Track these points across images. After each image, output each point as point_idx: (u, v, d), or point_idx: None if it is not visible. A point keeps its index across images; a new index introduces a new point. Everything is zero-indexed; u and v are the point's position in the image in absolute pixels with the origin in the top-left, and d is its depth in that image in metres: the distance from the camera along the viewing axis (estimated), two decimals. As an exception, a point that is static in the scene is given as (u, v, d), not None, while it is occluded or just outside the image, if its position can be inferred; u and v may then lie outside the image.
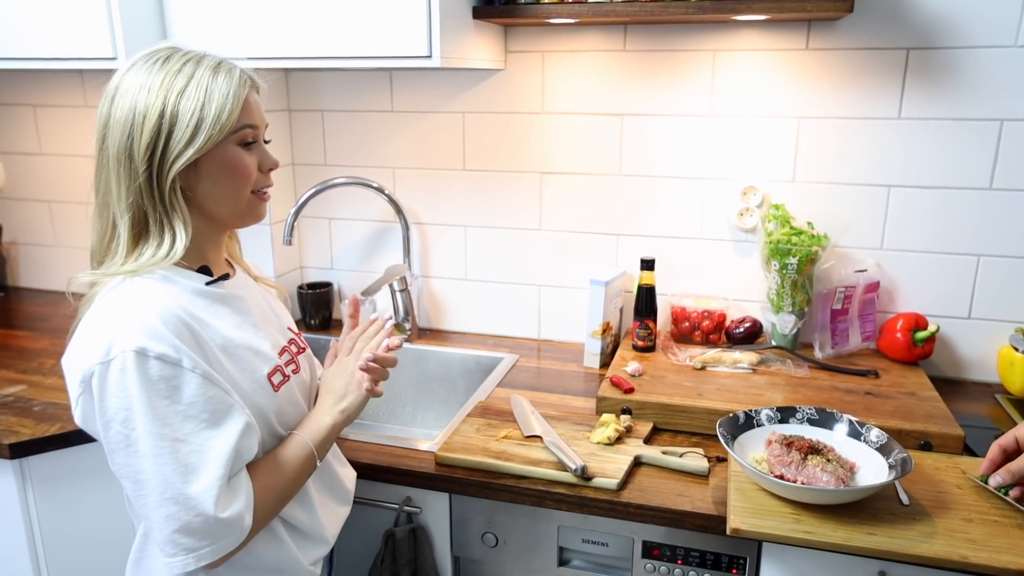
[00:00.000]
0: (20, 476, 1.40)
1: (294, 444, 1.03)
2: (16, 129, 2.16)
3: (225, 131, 0.95)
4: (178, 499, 0.90)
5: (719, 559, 1.22)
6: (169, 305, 0.93)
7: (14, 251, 2.28)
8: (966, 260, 1.62)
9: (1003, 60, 1.50)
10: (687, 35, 1.65)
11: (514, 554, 1.32)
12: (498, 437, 1.36)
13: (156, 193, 0.95)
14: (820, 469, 1.14)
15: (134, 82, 0.95)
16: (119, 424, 0.89)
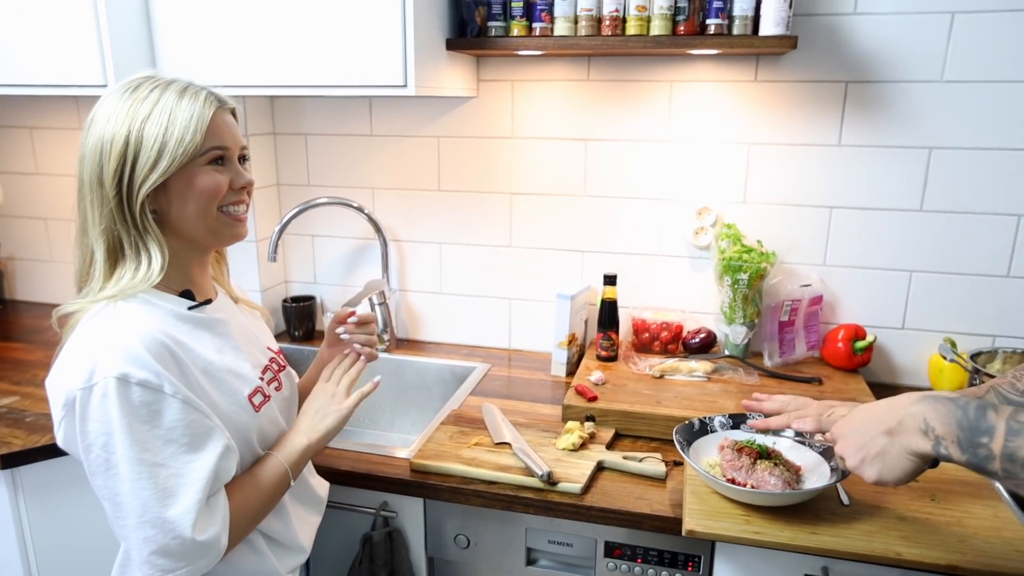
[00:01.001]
0: (12, 485, 1.37)
1: (270, 464, 1.00)
2: (14, 150, 2.12)
3: (189, 153, 0.92)
4: (156, 522, 0.87)
5: (676, 558, 1.22)
6: (151, 330, 0.90)
7: (11, 266, 2.24)
8: (900, 275, 1.64)
9: (931, 93, 1.52)
10: (646, 67, 1.66)
11: (485, 555, 1.31)
12: (469, 444, 1.35)
13: (128, 217, 0.92)
14: (768, 473, 1.15)
15: (105, 112, 0.93)
16: (99, 448, 0.87)
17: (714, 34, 1.43)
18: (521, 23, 1.51)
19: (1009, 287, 1.58)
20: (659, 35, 1.44)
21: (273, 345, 1.19)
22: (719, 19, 1.42)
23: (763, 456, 1.18)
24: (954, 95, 1.51)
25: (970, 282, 1.60)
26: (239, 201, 1.01)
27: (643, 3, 1.44)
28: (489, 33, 1.53)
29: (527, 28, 1.51)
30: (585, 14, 1.46)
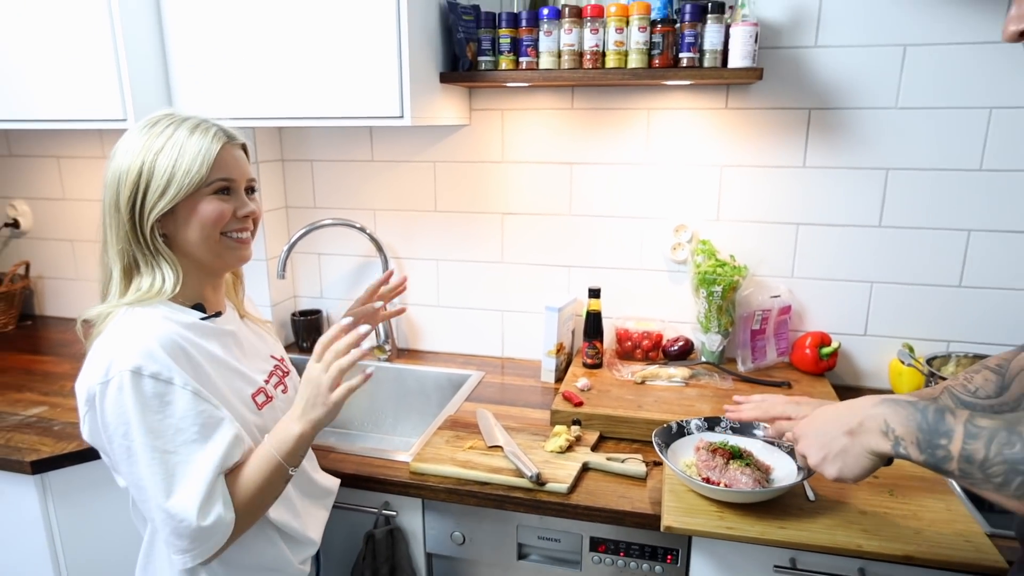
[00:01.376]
0: (42, 489, 1.38)
1: (262, 454, 0.97)
2: (43, 178, 2.13)
3: (195, 183, 0.94)
4: (166, 507, 0.90)
5: (656, 551, 1.23)
6: (167, 331, 0.93)
7: (40, 284, 2.25)
8: (862, 286, 1.65)
9: (887, 119, 1.54)
10: (625, 96, 1.67)
11: (479, 550, 1.32)
12: (464, 448, 1.36)
13: (140, 239, 0.95)
14: (740, 472, 1.16)
15: (125, 145, 0.96)
16: (120, 437, 0.89)
17: (687, 66, 1.44)
18: (509, 57, 1.53)
19: (961, 296, 1.59)
20: (636, 68, 1.46)
21: (278, 353, 1.21)
22: (691, 52, 1.44)
23: (735, 456, 1.19)
24: (908, 120, 1.53)
25: (926, 292, 1.61)
26: (242, 228, 1.03)
27: (621, 39, 1.46)
28: (480, 67, 1.55)
29: (514, 62, 1.53)
30: (568, 49, 1.48)
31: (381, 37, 1.39)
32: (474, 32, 1.54)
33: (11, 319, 2.14)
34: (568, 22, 1.47)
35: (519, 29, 1.51)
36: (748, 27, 1.40)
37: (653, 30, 1.44)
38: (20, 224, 2.18)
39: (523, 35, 1.51)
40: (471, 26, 1.54)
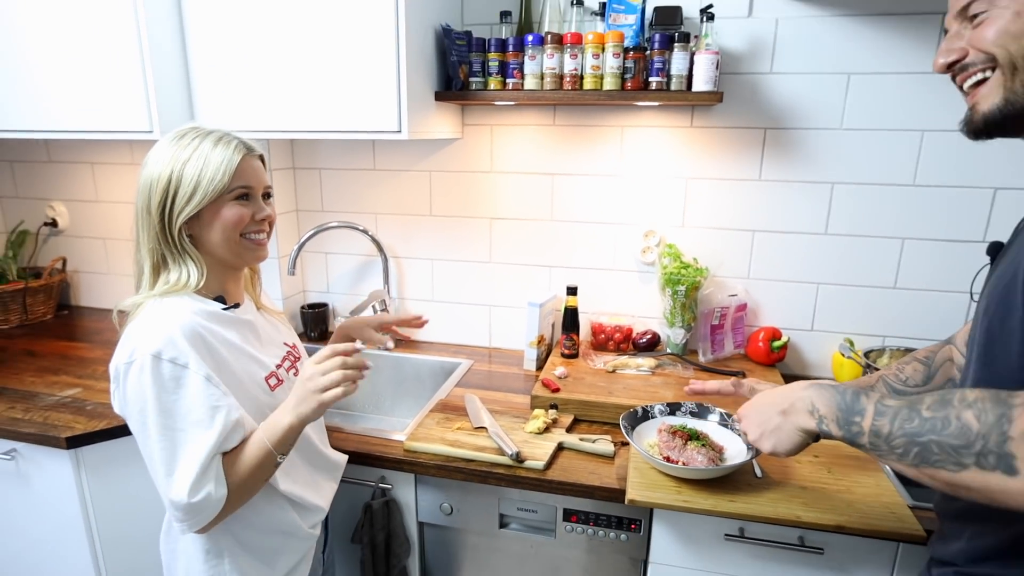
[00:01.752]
0: (76, 462, 1.40)
1: (254, 441, 0.96)
2: (78, 182, 2.13)
3: (218, 190, 0.96)
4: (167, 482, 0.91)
5: (622, 521, 1.25)
6: (189, 320, 0.94)
7: (76, 278, 2.24)
8: (809, 287, 1.68)
9: (833, 138, 1.57)
10: (602, 114, 1.69)
11: (465, 520, 1.34)
12: (453, 428, 1.37)
13: (169, 239, 0.97)
14: (697, 452, 1.18)
15: (155, 154, 0.98)
16: (137, 412, 0.91)
17: (655, 89, 1.46)
18: (497, 79, 1.54)
19: (896, 296, 1.62)
20: (610, 90, 1.48)
21: (291, 340, 1.21)
22: (659, 77, 1.45)
23: (693, 438, 1.21)
24: (851, 140, 1.55)
25: (865, 292, 1.64)
26: (259, 230, 1.04)
27: (597, 64, 1.47)
28: (471, 87, 1.56)
29: (502, 83, 1.54)
30: (550, 72, 1.50)
31: (382, 61, 1.40)
32: (466, 55, 1.55)
33: (50, 309, 2.14)
34: (550, 48, 1.48)
35: (506, 53, 1.52)
36: (710, 55, 1.42)
37: (626, 56, 1.46)
38: (58, 223, 2.18)
39: (510, 59, 1.52)
40: (463, 50, 1.55)
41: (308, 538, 1.12)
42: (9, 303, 2.02)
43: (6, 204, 2.23)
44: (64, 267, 2.20)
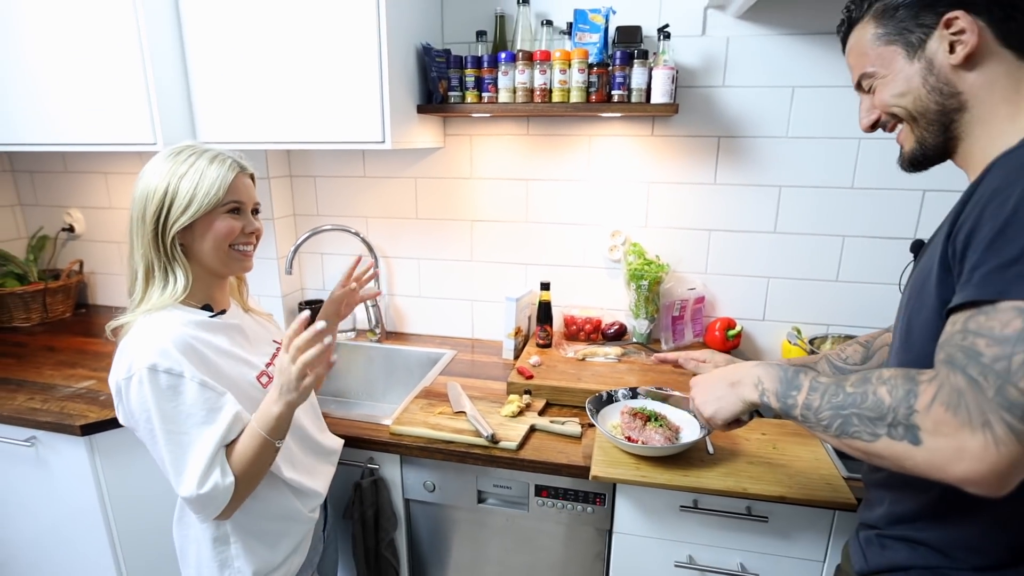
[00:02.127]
0: (90, 448, 1.39)
1: (249, 432, 0.95)
2: (93, 190, 2.10)
3: (212, 203, 0.95)
4: (178, 481, 0.90)
5: (588, 495, 1.26)
6: (179, 331, 0.93)
7: (92, 279, 2.22)
8: (761, 280, 1.68)
9: (780, 146, 1.57)
10: (571, 125, 1.68)
11: (446, 496, 1.34)
12: (435, 413, 1.37)
13: (161, 247, 0.95)
14: (655, 431, 1.19)
15: (152, 168, 0.96)
16: (144, 422, 0.90)
17: (617, 102, 1.46)
18: (474, 93, 1.53)
19: (838, 289, 1.63)
20: (576, 102, 1.47)
21: (278, 337, 1.19)
22: (621, 90, 1.45)
23: (652, 419, 1.22)
24: (796, 147, 1.56)
25: (811, 285, 1.64)
26: (247, 242, 1.03)
27: (564, 79, 1.47)
28: (449, 100, 1.55)
29: (478, 96, 1.53)
30: (521, 86, 1.49)
31: (366, 78, 1.38)
32: (445, 71, 1.54)
33: (68, 307, 2.11)
34: (521, 64, 1.47)
35: (482, 69, 1.52)
36: (667, 70, 1.42)
37: (590, 72, 1.45)
38: (75, 229, 2.15)
39: (485, 74, 1.51)
40: (443, 67, 1.54)
41: (308, 521, 1.11)
42: (30, 303, 2.00)
43: (27, 211, 2.20)
44: (81, 269, 2.17)
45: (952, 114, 0.75)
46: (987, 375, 0.60)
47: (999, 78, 0.73)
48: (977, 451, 0.59)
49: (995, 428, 0.58)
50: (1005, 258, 0.60)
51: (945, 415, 0.62)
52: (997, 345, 0.60)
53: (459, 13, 1.66)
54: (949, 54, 0.73)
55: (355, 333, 1.93)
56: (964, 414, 0.60)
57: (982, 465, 0.59)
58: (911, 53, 0.76)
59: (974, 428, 0.59)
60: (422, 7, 1.56)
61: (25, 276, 2.04)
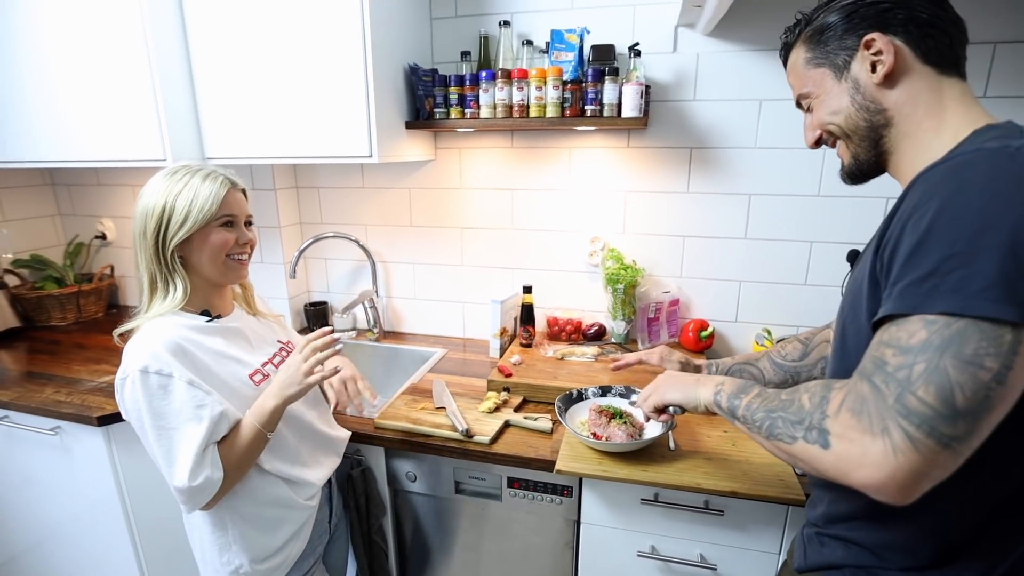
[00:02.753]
0: (107, 438, 1.42)
1: (245, 424, 0.99)
2: (123, 201, 2.15)
3: (207, 218, 0.97)
4: (168, 473, 0.92)
5: (556, 487, 1.25)
6: (172, 336, 0.94)
7: (123, 282, 2.27)
8: (733, 284, 1.65)
9: (749, 157, 1.54)
10: (552, 138, 1.67)
11: (427, 486, 1.35)
12: (417, 408, 1.38)
13: (161, 260, 0.97)
14: (618, 428, 1.17)
15: (151, 187, 0.98)
16: (136, 419, 0.92)
17: (590, 116, 1.45)
18: (457, 109, 1.54)
19: (806, 292, 1.59)
20: (552, 117, 1.46)
21: (283, 337, 1.20)
22: (593, 106, 1.44)
23: (616, 416, 1.21)
24: (764, 157, 1.53)
25: (781, 289, 1.61)
26: (242, 252, 1.05)
27: (540, 95, 1.46)
28: (435, 116, 1.56)
29: (461, 112, 1.54)
30: (500, 102, 1.49)
31: (354, 98, 1.40)
32: (431, 90, 1.55)
33: (100, 308, 2.17)
34: (500, 82, 1.47)
35: (464, 87, 1.52)
36: (636, 86, 1.40)
37: (565, 88, 1.45)
38: (107, 236, 2.21)
39: (468, 92, 1.52)
40: (428, 85, 1.54)
41: (305, 509, 1.11)
42: (66, 304, 2.06)
43: (65, 221, 2.27)
44: (112, 273, 2.23)
45: (880, 130, 0.74)
46: (888, 383, 0.59)
47: (921, 93, 0.71)
48: (877, 457, 0.58)
49: (893, 435, 0.57)
50: (920, 273, 0.59)
51: (850, 420, 0.61)
52: (902, 355, 0.58)
53: (447, 35, 1.66)
54: (871, 73, 0.72)
55: (355, 332, 1.94)
56: (867, 420, 0.59)
57: (881, 472, 0.57)
58: (838, 74, 0.76)
59: (875, 434, 0.58)
60: (413, 30, 1.57)
61: (62, 280, 2.10)
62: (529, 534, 1.32)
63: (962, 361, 0.55)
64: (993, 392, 0.54)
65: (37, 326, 2.04)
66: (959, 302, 0.55)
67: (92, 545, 1.58)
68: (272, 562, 1.05)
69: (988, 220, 0.55)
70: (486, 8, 1.62)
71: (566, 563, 1.31)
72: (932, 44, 0.70)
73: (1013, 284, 0.54)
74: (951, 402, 0.55)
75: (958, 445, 0.55)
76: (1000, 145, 0.60)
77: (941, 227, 0.57)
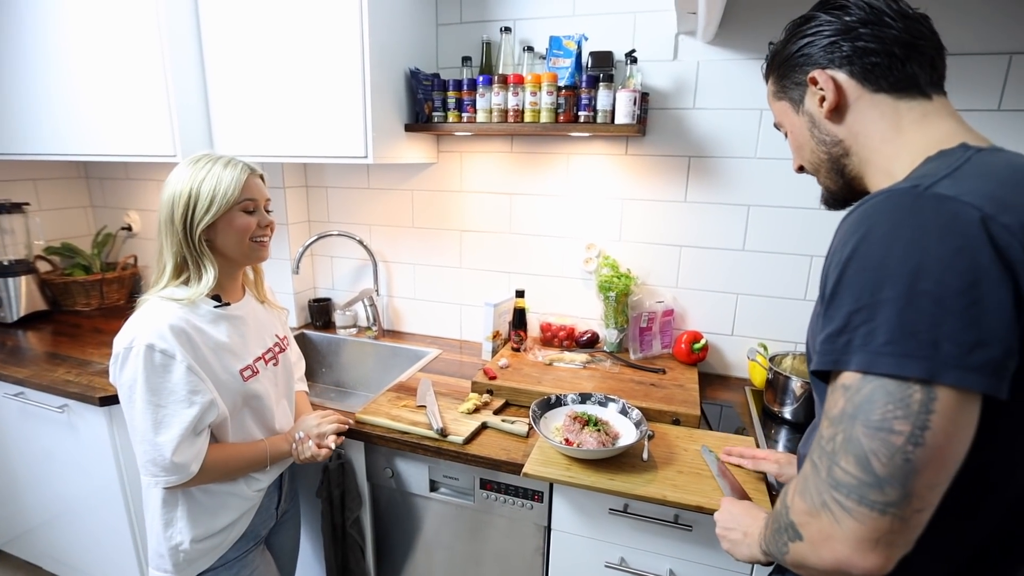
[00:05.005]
0: (109, 417, 1.49)
1: (259, 449, 1.09)
2: (148, 194, 2.25)
3: (230, 203, 1.01)
4: (150, 443, 0.96)
5: (528, 491, 1.24)
6: (179, 319, 0.98)
7: (145, 271, 2.36)
8: (730, 296, 1.62)
9: (748, 166, 1.51)
10: (550, 143, 1.68)
11: (404, 482, 1.36)
12: (399, 406, 1.39)
13: (191, 244, 1.02)
14: (590, 435, 1.16)
15: (176, 176, 1.03)
16: (127, 388, 0.96)
17: (583, 122, 1.45)
18: (455, 113, 1.56)
19: (805, 307, 1.54)
20: (546, 122, 1.47)
21: (281, 332, 1.24)
22: (587, 112, 1.44)
23: (590, 423, 1.19)
24: (764, 168, 1.50)
25: (778, 303, 1.57)
26: (263, 234, 1.09)
27: (535, 100, 1.47)
28: (433, 120, 1.59)
29: (459, 116, 1.56)
30: (496, 107, 1.50)
31: (352, 100, 1.44)
32: (430, 93, 1.57)
33: (123, 295, 2.28)
34: (497, 87, 1.49)
35: (462, 92, 1.54)
36: (630, 93, 1.40)
37: (559, 94, 1.45)
38: (132, 228, 2.33)
39: (465, 96, 1.54)
40: (428, 89, 1.57)
41: (251, 499, 1.14)
42: (90, 290, 2.17)
43: (96, 212, 2.39)
44: (136, 263, 2.34)
45: (841, 159, 0.74)
46: (822, 457, 0.57)
47: (874, 121, 0.70)
48: (829, 531, 0.55)
49: (831, 508, 0.55)
50: (834, 327, 0.57)
51: (800, 504, 0.59)
52: (831, 426, 0.57)
53: (452, 41, 1.69)
54: (820, 107, 0.73)
55: (356, 330, 1.98)
56: (809, 499, 0.58)
57: (840, 544, 0.54)
58: (796, 108, 0.77)
59: (818, 510, 0.57)
60: (418, 35, 1.61)
61: (89, 267, 2.22)
62: (501, 537, 1.31)
63: (871, 428, 0.53)
64: (912, 455, 0.51)
65: (63, 310, 2.16)
66: (865, 359, 0.53)
67: (94, 524, 1.65)
68: (211, 542, 1.09)
69: (887, 272, 0.53)
70: (490, 15, 1.64)
71: (536, 568, 1.29)
72: (880, 72, 0.69)
73: (915, 336, 0.51)
74: (870, 470, 0.53)
75: (897, 510, 0.52)
76: (910, 185, 0.57)
77: (848, 278, 0.56)
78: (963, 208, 0.53)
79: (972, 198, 0.53)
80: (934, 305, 0.50)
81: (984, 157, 0.61)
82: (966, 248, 0.51)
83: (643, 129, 1.42)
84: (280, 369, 1.21)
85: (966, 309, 0.50)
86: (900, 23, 0.68)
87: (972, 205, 0.53)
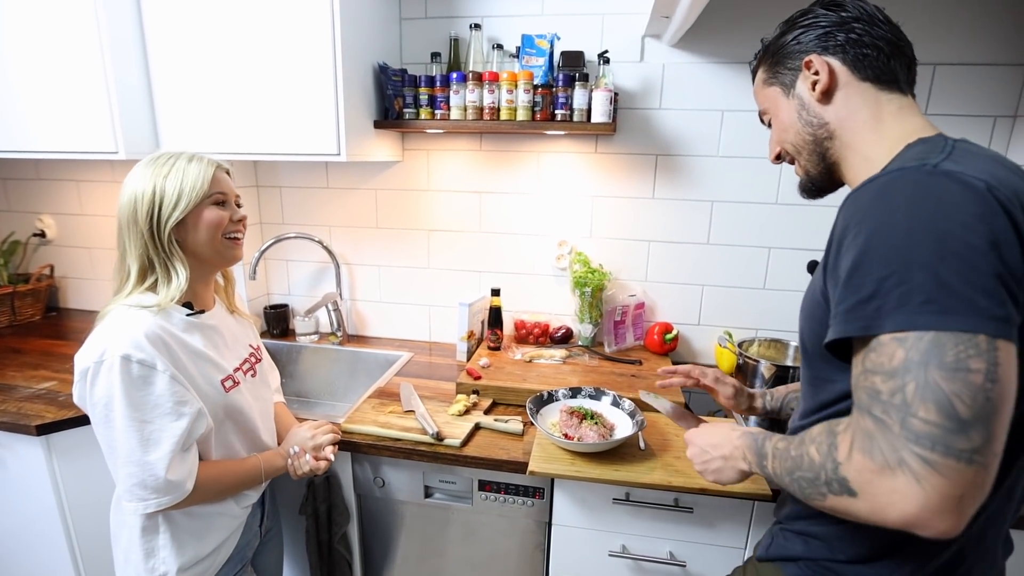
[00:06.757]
0: (47, 449, 1.32)
1: (251, 465, 1.04)
2: (64, 197, 2.01)
3: (199, 197, 0.93)
4: (139, 463, 0.88)
5: (528, 490, 1.24)
6: (154, 326, 0.90)
7: (64, 283, 2.12)
8: (696, 288, 1.69)
9: (712, 164, 1.58)
10: (520, 142, 1.67)
11: (395, 491, 1.31)
12: (386, 412, 1.34)
13: (159, 244, 0.93)
14: (589, 429, 1.17)
15: (134, 175, 0.94)
16: (102, 406, 0.86)
17: (560, 120, 1.46)
18: (427, 110, 1.52)
19: (765, 296, 1.64)
20: (522, 120, 1.47)
21: (255, 342, 1.17)
22: (564, 110, 1.45)
23: (588, 417, 1.21)
24: (726, 165, 1.57)
25: (741, 293, 1.66)
26: (236, 230, 1.01)
27: (511, 98, 1.46)
28: (404, 117, 1.53)
29: (431, 113, 1.52)
30: (471, 104, 1.48)
31: (323, 95, 1.36)
32: (400, 89, 1.52)
33: (38, 311, 2.02)
34: (472, 84, 1.46)
35: (435, 88, 1.50)
36: (606, 92, 1.42)
37: (536, 92, 1.45)
38: (46, 234, 2.07)
39: (438, 93, 1.50)
40: (398, 85, 1.52)
41: (239, 516, 1.08)
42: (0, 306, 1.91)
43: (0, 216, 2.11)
44: (52, 273, 2.08)
45: (824, 142, 0.79)
46: (889, 411, 0.56)
47: (859, 108, 0.76)
48: (904, 492, 0.54)
49: (911, 464, 0.54)
50: (862, 295, 0.59)
51: (864, 461, 0.57)
52: (891, 379, 0.56)
53: (417, 36, 1.64)
54: (811, 91, 0.78)
55: (318, 336, 1.88)
56: (880, 456, 0.56)
57: (913, 505, 0.53)
58: (787, 92, 0.82)
59: (893, 469, 0.55)
60: (382, 29, 1.54)
61: (-5, 280, 1.94)
62: (499, 537, 1.29)
63: (947, 369, 0.53)
64: (992, 392, 0.52)
65: (-35, 330, 1.89)
66: (904, 319, 0.56)
67: (29, 563, 1.45)
68: (198, 569, 1.01)
69: (915, 238, 0.56)
70: (456, 11, 1.60)
71: (537, 565, 1.29)
72: (869, 63, 0.75)
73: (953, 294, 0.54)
74: (954, 415, 0.52)
75: (980, 457, 0.52)
76: (919, 163, 0.62)
77: (875, 248, 0.58)
78: (973, 180, 0.58)
79: (976, 173, 0.59)
80: (964, 265, 0.54)
81: (964, 145, 0.68)
82: (985, 214, 0.56)
83: (615, 128, 1.44)
84: (258, 380, 1.13)
85: (992, 267, 0.54)
86: (888, 26, 0.76)
87: (977, 178, 0.58)
